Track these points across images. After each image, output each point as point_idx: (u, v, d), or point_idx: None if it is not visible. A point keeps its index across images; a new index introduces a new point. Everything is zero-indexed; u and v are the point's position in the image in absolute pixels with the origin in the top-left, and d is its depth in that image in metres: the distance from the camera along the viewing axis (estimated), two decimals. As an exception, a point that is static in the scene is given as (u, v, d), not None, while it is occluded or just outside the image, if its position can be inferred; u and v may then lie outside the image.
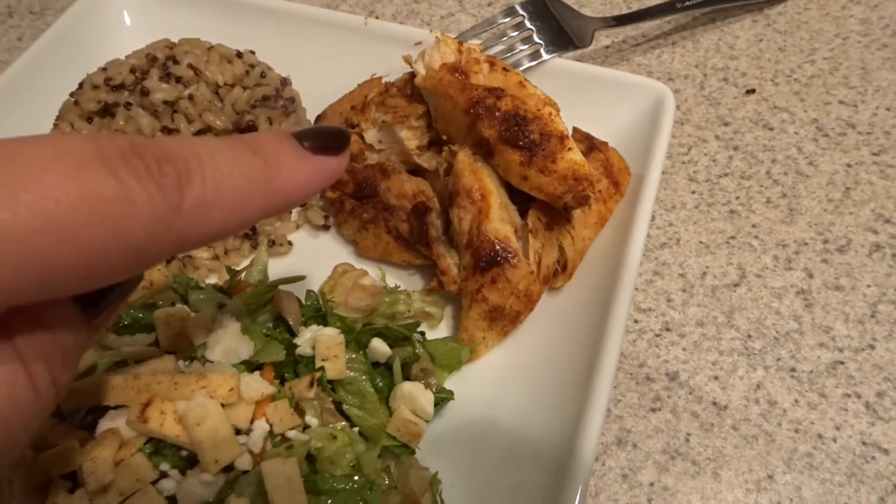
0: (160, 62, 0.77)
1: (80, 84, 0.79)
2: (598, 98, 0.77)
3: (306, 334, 0.57)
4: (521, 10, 0.84)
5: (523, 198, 0.67)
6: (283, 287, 0.61)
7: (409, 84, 0.74)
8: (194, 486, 0.47)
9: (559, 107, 0.66)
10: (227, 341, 0.53)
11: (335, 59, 0.84)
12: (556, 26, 0.84)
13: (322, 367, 0.55)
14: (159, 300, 0.60)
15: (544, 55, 0.80)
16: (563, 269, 0.68)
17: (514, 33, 0.83)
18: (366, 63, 0.81)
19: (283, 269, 0.68)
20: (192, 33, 0.83)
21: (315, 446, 0.51)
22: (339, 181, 0.74)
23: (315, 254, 0.76)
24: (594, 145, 0.72)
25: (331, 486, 0.50)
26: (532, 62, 0.80)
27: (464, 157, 0.67)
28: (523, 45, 0.81)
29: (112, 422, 0.48)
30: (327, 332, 0.57)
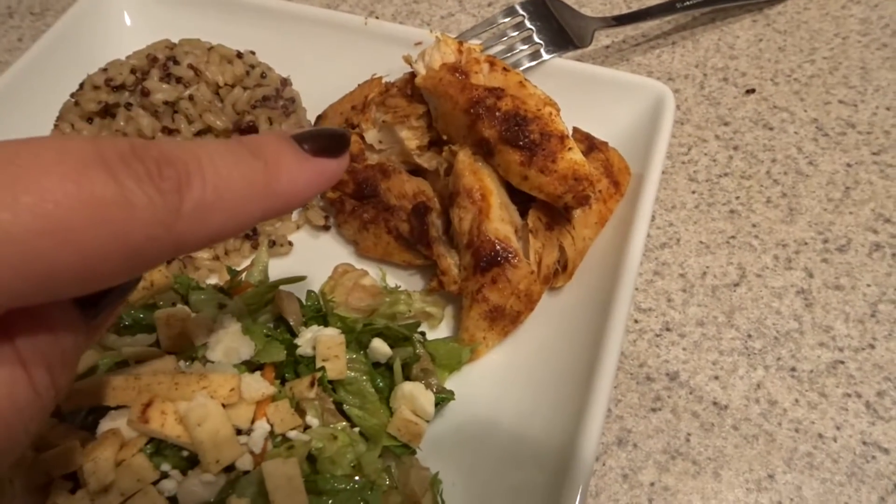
0: (160, 63, 0.77)
1: (81, 84, 0.79)
2: (598, 98, 0.77)
3: (307, 334, 0.57)
4: (521, 10, 0.84)
5: (523, 198, 0.67)
6: (283, 287, 0.61)
7: (410, 84, 0.74)
8: (195, 486, 0.47)
9: (559, 107, 0.66)
10: (227, 342, 0.53)
11: (335, 60, 0.84)
12: (556, 26, 0.84)
13: (323, 368, 0.55)
14: (160, 301, 0.60)
15: (544, 55, 0.80)
16: (564, 268, 0.68)
17: (514, 33, 0.83)
18: (366, 63, 0.81)
19: (283, 269, 0.68)
20: (192, 34, 0.83)
21: (316, 446, 0.51)
22: (339, 181, 0.74)
23: (315, 254, 0.76)
24: (594, 145, 0.72)
25: (331, 486, 0.50)
26: (532, 62, 0.80)
27: (464, 157, 0.67)
28: (523, 45, 0.82)
29: (113, 422, 0.48)
30: (328, 333, 0.57)
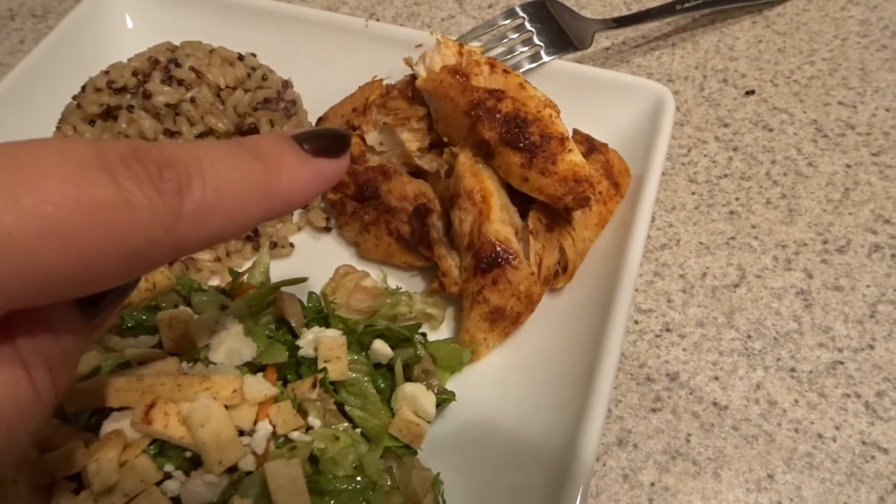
0: (162, 65, 0.77)
1: (83, 87, 0.79)
2: (598, 100, 0.77)
3: (308, 336, 0.57)
4: (521, 12, 0.85)
5: (524, 199, 0.68)
6: (285, 289, 0.61)
7: (410, 86, 0.74)
8: (198, 486, 0.47)
9: (559, 108, 0.67)
10: (229, 343, 0.54)
11: (336, 62, 0.84)
12: (557, 28, 0.84)
13: (324, 369, 0.55)
14: (162, 302, 0.60)
15: (544, 57, 0.81)
16: (564, 270, 0.68)
17: (515, 35, 0.83)
18: (367, 65, 0.81)
19: (284, 270, 0.68)
20: (193, 36, 0.83)
21: (318, 447, 0.51)
22: (340, 183, 0.74)
23: (317, 256, 0.76)
24: (594, 147, 0.72)
25: (333, 486, 0.50)
26: (532, 64, 0.80)
27: (464, 159, 0.67)
28: (523, 47, 0.82)
29: (116, 423, 0.48)
30: (329, 334, 0.57)
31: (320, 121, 0.82)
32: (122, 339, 0.56)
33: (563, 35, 0.84)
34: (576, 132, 0.73)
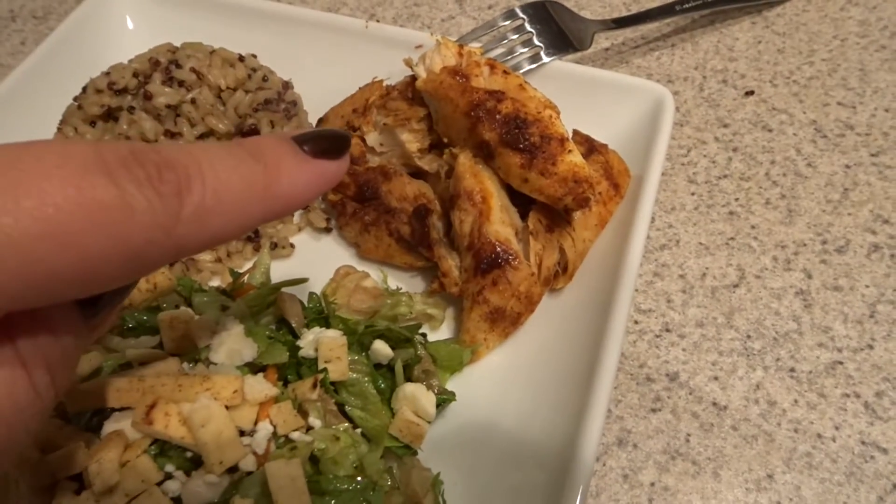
0: (163, 66, 0.77)
1: (84, 88, 0.79)
2: (597, 100, 0.77)
3: (309, 336, 0.58)
4: (521, 13, 0.85)
5: (524, 200, 0.68)
6: (285, 289, 0.61)
7: (410, 87, 0.74)
8: (199, 486, 0.47)
9: (559, 109, 0.67)
10: (230, 343, 0.54)
11: (336, 63, 0.84)
12: (556, 29, 0.84)
13: (325, 369, 0.55)
14: (163, 303, 0.60)
15: (544, 58, 0.81)
16: (564, 270, 0.68)
17: (515, 36, 0.83)
18: (367, 66, 0.81)
19: (285, 271, 0.68)
20: (194, 37, 0.83)
21: (318, 447, 0.51)
22: (340, 184, 0.74)
23: (317, 256, 0.76)
24: (594, 147, 0.72)
25: (334, 486, 0.50)
26: (532, 65, 0.80)
27: (465, 160, 0.67)
28: (523, 48, 0.82)
29: (117, 424, 0.49)
30: (330, 334, 0.58)
31: (321, 122, 0.82)
32: (124, 339, 0.56)
33: (562, 36, 0.84)
34: (576, 133, 0.73)
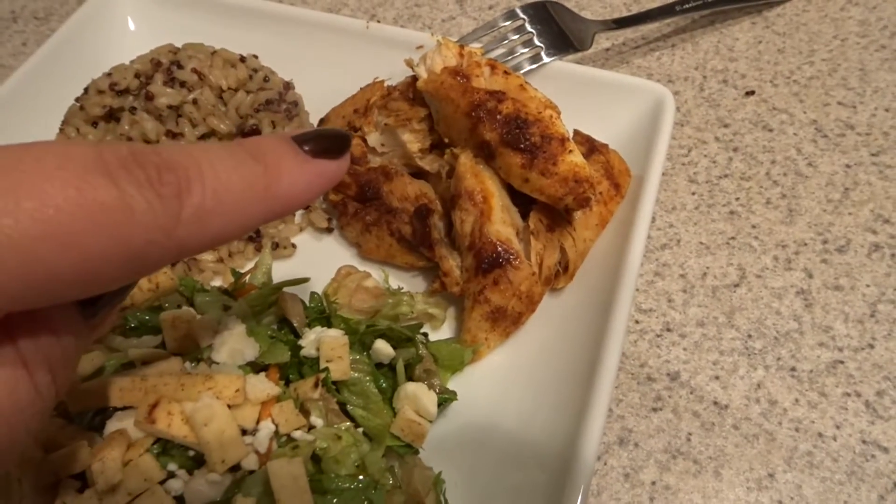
0: (164, 67, 0.78)
1: (86, 89, 0.80)
2: (598, 100, 0.77)
3: (310, 336, 0.58)
4: (521, 14, 0.85)
5: (525, 200, 0.68)
6: (287, 289, 0.62)
7: (411, 87, 0.74)
8: (201, 485, 0.47)
9: (560, 109, 0.67)
10: (232, 343, 0.54)
11: (337, 63, 0.85)
12: (557, 29, 0.84)
13: (326, 368, 0.55)
14: (165, 303, 0.60)
15: (545, 58, 0.81)
16: (565, 270, 0.68)
17: (515, 37, 0.83)
18: (368, 67, 0.81)
19: (286, 271, 0.68)
20: (195, 38, 0.83)
21: (320, 446, 0.52)
22: (342, 184, 0.74)
23: (318, 256, 0.76)
24: (595, 147, 0.72)
25: (336, 485, 0.50)
26: (533, 65, 0.80)
27: (465, 160, 0.68)
28: (524, 49, 0.82)
29: (120, 423, 0.49)
30: (331, 334, 0.58)
31: (322, 122, 0.82)
32: (126, 339, 0.57)
33: (563, 36, 0.84)
34: (576, 133, 0.74)
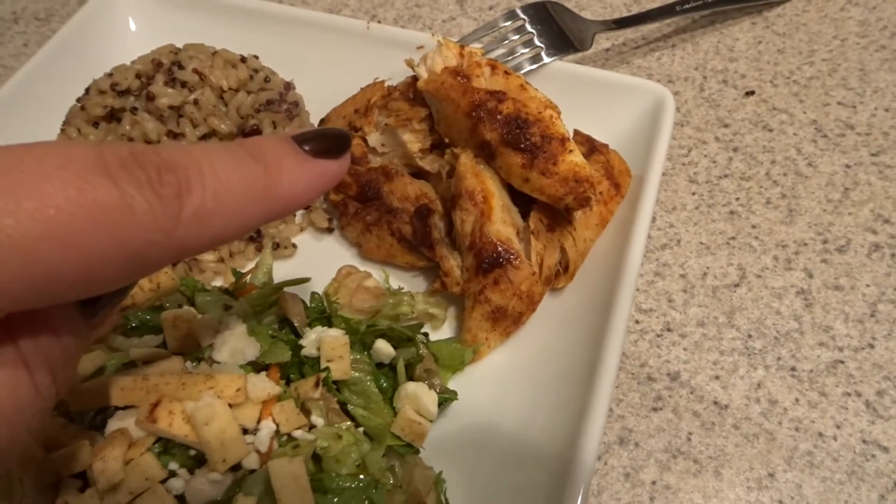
0: (165, 67, 0.78)
1: (87, 89, 0.80)
2: (598, 100, 0.77)
3: (311, 335, 0.58)
4: (521, 14, 0.85)
5: (525, 200, 0.68)
6: (287, 289, 0.62)
7: (412, 88, 0.74)
8: (202, 484, 0.47)
9: (560, 109, 0.67)
10: (233, 342, 0.54)
11: (338, 64, 0.85)
12: (557, 30, 0.84)
13: (327, 368, 0.56)
14: (166, 302, 0.60)
15: (545, 58, 0.81)
16: (565, 270, 0.68)
17: (516, 37, 0.83)
18: (368, 67, 0.82)
19: (287, 271, 0.68)
20: (196, 38, 0.84)
21: (321, 445, 0.52)
22: (342, 184, 0.74)
23: (319, 256, 0.76)
24: (595, 147, 0.72)
25: (337, 484, 0.50)
26: (533, 65, 0.80)
27: (466, 160, 0.68)
28: (524, 49, 0.82)
29: (121, 422, 0.49)
30: (332, 334, 0.58)
31: (322, 122, 0.82)
32: (127, 338, 0.57)
33: (563, 36, 0.84)
34: (576, 133, 0.74)
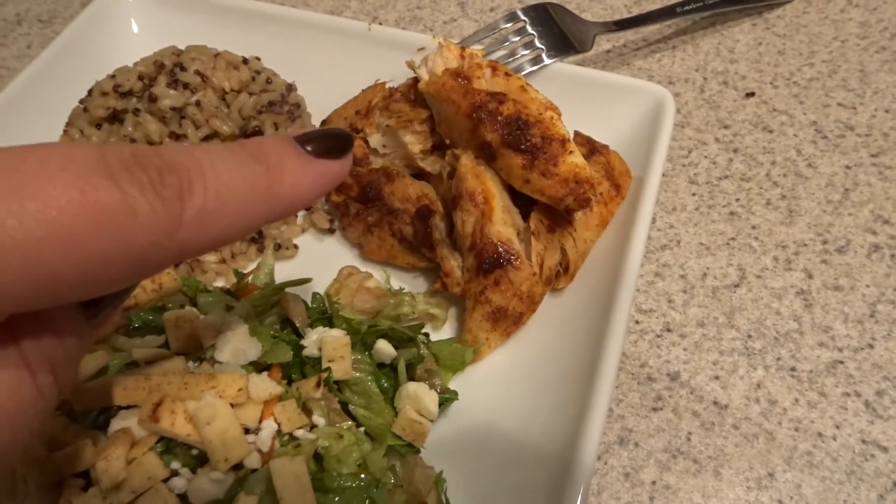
0: (167, 69, 0.78)
1: (89, 91, 0.80)
2: (599, 102, 0.78)
3: (313, 336, 0.58)
4: (522, 16, 0.85)
5: (525, 200, 0.68)
6: (289, 289, 0.62)
7: (413, 89, 0.75)
8: (204, 484, 0.48)
9: (560, 111, 0.67)
10: (235, 343, 0.54)
11: (340, 65, 0.85)
12: (558, 31, 0.85)
13: (328, 368, 0.56)
14: (169, 303, 0.61)
15: (546, 60, 0.81)
16: (565, 270, 0.69)
17: (516, 38, 0.84)
18: (370, 68, 0.82)
19: (289, 272, 0.69)
20: (198, 40, 0.84)
21: (322, 445, 0.52)
22: (343, 185, 0.75)
23: (320, 257, 0.76)
24: (595, 148, 0.73)
25: (338, 484, 0.50)
26: (534, 67, 0.81)
27: (466, 161, 0.68)
28: (525, 50, 0.82)
29: (124, 421, 0.49)
30: (333, 334, 0.58)
31: (324, 123, 0.83)
32: (129, 339, 0.57)
33: (564, 38, 0.84)
34: (577, 134, 0.74)
